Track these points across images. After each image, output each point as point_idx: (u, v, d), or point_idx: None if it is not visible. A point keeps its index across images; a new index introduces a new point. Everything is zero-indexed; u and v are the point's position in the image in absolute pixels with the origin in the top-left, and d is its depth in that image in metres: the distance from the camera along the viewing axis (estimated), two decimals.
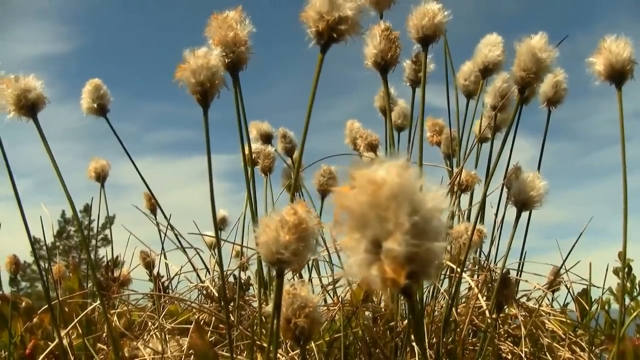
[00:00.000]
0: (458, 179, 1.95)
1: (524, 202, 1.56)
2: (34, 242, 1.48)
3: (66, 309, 1.91)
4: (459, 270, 1.61)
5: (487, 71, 1.86)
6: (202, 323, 1.85)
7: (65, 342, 1.61)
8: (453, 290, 1.67)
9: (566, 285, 2.15)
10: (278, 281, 0.94)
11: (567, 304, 2.21)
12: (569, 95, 1.99)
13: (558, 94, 2.01)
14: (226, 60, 1.28)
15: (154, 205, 2.48)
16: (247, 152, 1.45)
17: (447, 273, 1.85)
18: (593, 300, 2.16)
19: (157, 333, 1.83)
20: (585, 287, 2.16)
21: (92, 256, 2.75)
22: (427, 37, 1.49)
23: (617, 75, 1.32)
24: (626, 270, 3.07)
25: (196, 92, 1.14)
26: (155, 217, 2.48)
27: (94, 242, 3.04)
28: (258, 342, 1.49)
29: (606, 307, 3.11)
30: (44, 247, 2.38)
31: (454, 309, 1.75)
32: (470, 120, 2.08)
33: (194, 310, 1.96)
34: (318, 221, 0.92)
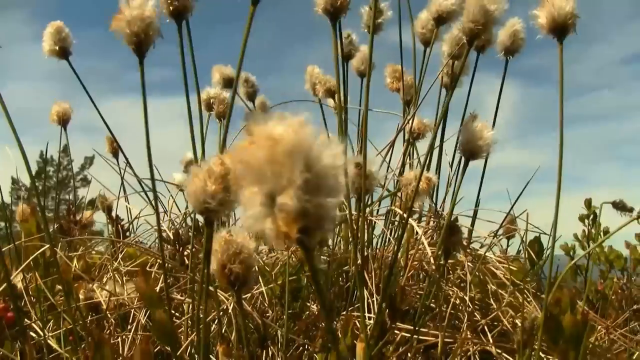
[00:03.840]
0: (410, 126, 1.98)
1: (471, 151, 1.58)
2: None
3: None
4: (405, 216, 1.65)
5: (441, 20, 1.86)
6: (157, 266, 1.89)
7: (20, 285, 1.64)
8: (399, 236, 1.71)
9: (519, 233, 2.20)
10: (208, 230, 0.96)
11: (519, 251, 2.26)
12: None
13: (515, 43, 2.04)
14: (170, 8, 1.28)
15: (116, 149, 2.49)
16: (195, 105, 1.46)
17: (398, 220, 1.89)
18: (546, 247, 2.20)
19: (116, 276, 1.86)
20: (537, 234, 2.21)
21: (72, 196, 2.77)
22: None
23: (559, 29, 1.34)
24: (592, 217, 3.17)
25: (132, 43, 1.15)
26: (118, 161, 2.49)
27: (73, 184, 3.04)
28: (210, 288, 1.52)
29: (571, 253, 3.20)
30: (23, 188, 2.39)
31: (403, 255, 1.80)
32: (427, 68, 2.08)
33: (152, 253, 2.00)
34: None
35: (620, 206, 1.72)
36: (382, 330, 1.56)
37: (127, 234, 2.32)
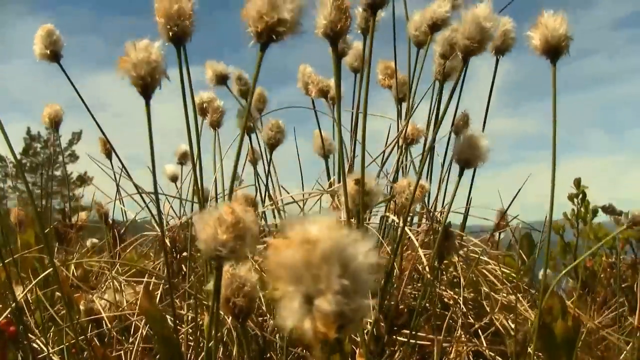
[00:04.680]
0: (404, 133, 2.00)
1: (466, 161, 1.61)
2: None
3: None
4: (399, 223, 1.67)
5: (435, 26, 1.86)
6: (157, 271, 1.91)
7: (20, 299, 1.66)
8: (393, 240, 1.74)
9: (511, 231, 2.24)
10: (217, 272, 0.99)
11: (510, 246, 2.30)
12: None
13: (506, 42, 2.06)
14: (170, 34, 1.27)
15: (109, 150, 2.45)
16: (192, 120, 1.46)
17: (391, 223, 1.92)
18: (539, 242, 2.23)
19: (114, 283, 1.88)
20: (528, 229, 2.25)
21: (61, 172, 2.75)
22: (375, 3, 1.49)
23: (552, 51, 1.35)
24: (580, 196, 3.22)
25: (137, 86, 1.14)
26: (111, 161, 2.46)
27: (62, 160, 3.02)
28: (205, 303, 1.55)
29: (560, 232, 3.25)
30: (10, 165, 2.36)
31: (398, 259, 1.83)
32: (420, 69, 2.08)
33: (150, 258, 2.01)
34: (255, 219, 0.96)
35: (610, 210, 1.77)
36: (378, 341, 1.60)
37: (123, 237, 2.33)
